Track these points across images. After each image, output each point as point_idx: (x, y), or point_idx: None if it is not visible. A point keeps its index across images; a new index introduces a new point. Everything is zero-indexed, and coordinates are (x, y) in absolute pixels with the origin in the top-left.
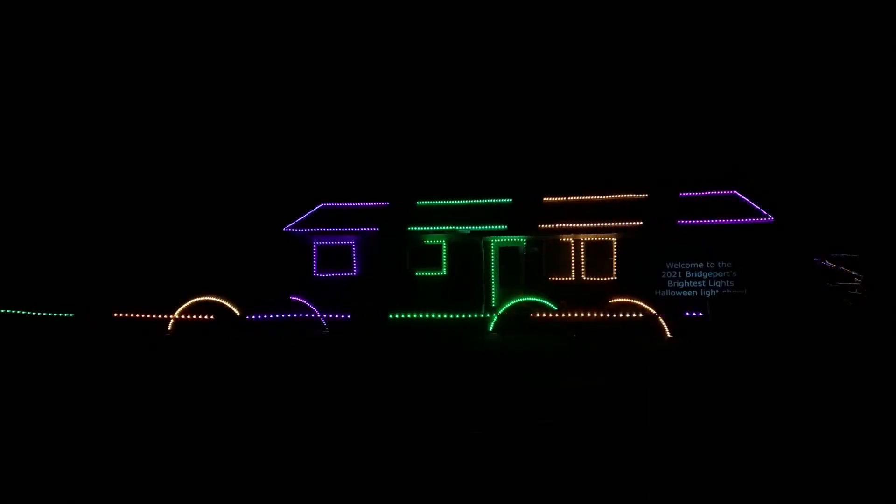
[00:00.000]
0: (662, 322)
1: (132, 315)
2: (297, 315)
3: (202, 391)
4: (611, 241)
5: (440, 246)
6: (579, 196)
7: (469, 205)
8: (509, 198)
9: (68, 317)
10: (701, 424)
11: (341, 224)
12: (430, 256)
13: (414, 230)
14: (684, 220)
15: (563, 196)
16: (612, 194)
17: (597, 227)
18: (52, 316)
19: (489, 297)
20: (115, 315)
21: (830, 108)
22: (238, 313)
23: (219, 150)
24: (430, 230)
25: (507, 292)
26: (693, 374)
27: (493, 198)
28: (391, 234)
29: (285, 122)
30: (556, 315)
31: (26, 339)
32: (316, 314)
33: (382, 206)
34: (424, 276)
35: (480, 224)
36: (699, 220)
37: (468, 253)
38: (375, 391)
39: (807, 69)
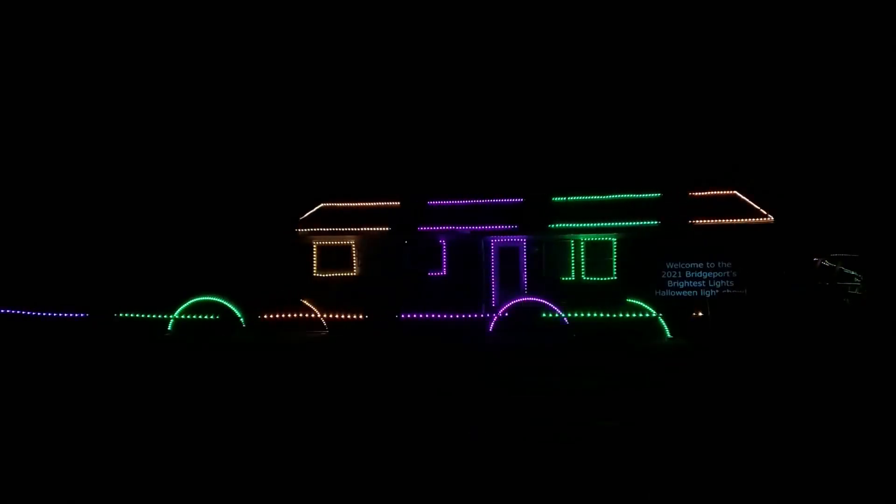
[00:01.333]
0: (662, 322)
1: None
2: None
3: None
4: (609, 241)
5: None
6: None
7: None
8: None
9: (78, 317)
10: (701, 424)
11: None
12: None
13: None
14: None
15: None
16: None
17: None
18: (58, 317)
19: (489, 297)
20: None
21: (830, 109)
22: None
23: (238, 151)
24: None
25: (507, 292)
26: (693, 374)
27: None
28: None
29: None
30: None
31: (30, 340)
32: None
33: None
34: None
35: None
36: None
37: (468, 253)
38: (382, 391)
39: (807, 70)
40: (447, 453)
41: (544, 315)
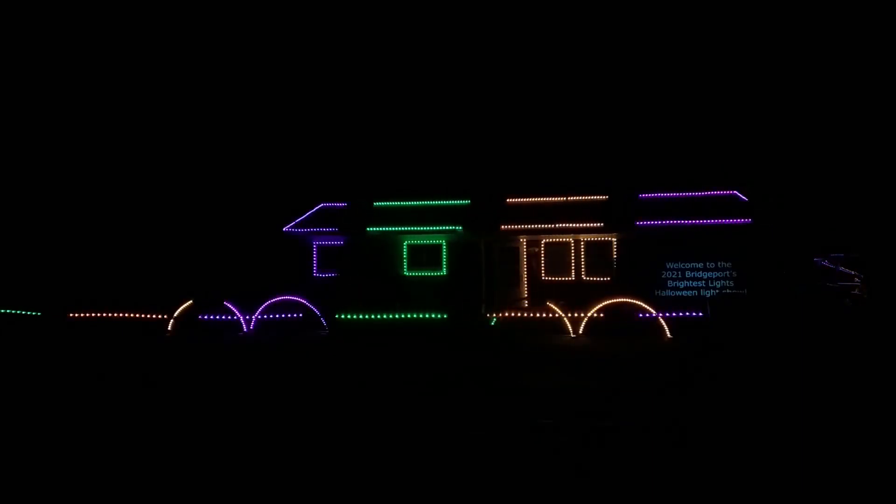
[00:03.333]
0: (662, 322)
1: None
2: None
3: (207, 391)
4: (610, 241)
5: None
6: None
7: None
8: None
9: (73, 317)
10: (701, 424)
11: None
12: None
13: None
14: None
15: None
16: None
17: None
18: (56, 316)
19: (489, 297)
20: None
21: (830, 110)
22: None
23: (225, 153)
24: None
25: (507, 292)
26: (693, 374)
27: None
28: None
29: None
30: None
31: (28, 340)
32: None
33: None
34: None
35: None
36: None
37: (468, 253)
38: (377, 391)
39: (807, 71)
40: (444, 453)
41: None
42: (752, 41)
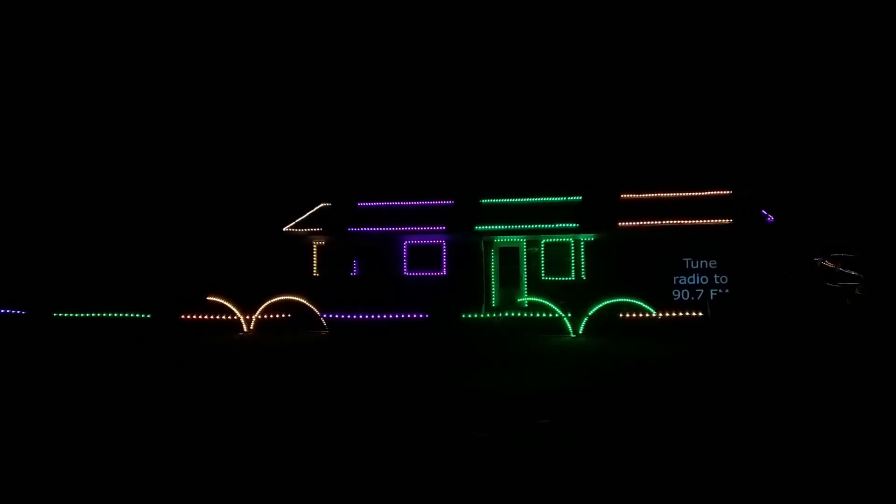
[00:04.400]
0: (662, 322)
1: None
2: None
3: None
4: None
5: None
6: None
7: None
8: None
9: (70, 317)
10: (701, 424)
11: None
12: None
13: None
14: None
15: None
16: None
17: None
18: (54, 316)
19: (489, 297)
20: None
21: (829, 110)
22: None
23: (238, 154)
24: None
25: (507, 292)
26: (694, 374)
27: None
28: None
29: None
30: None
31: (31, 340)
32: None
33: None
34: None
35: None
36: None
37: (468, 253)
38: (378, 391)
39: (807, 71)
40: (439, 452)
41: None
42: (752, 41)
